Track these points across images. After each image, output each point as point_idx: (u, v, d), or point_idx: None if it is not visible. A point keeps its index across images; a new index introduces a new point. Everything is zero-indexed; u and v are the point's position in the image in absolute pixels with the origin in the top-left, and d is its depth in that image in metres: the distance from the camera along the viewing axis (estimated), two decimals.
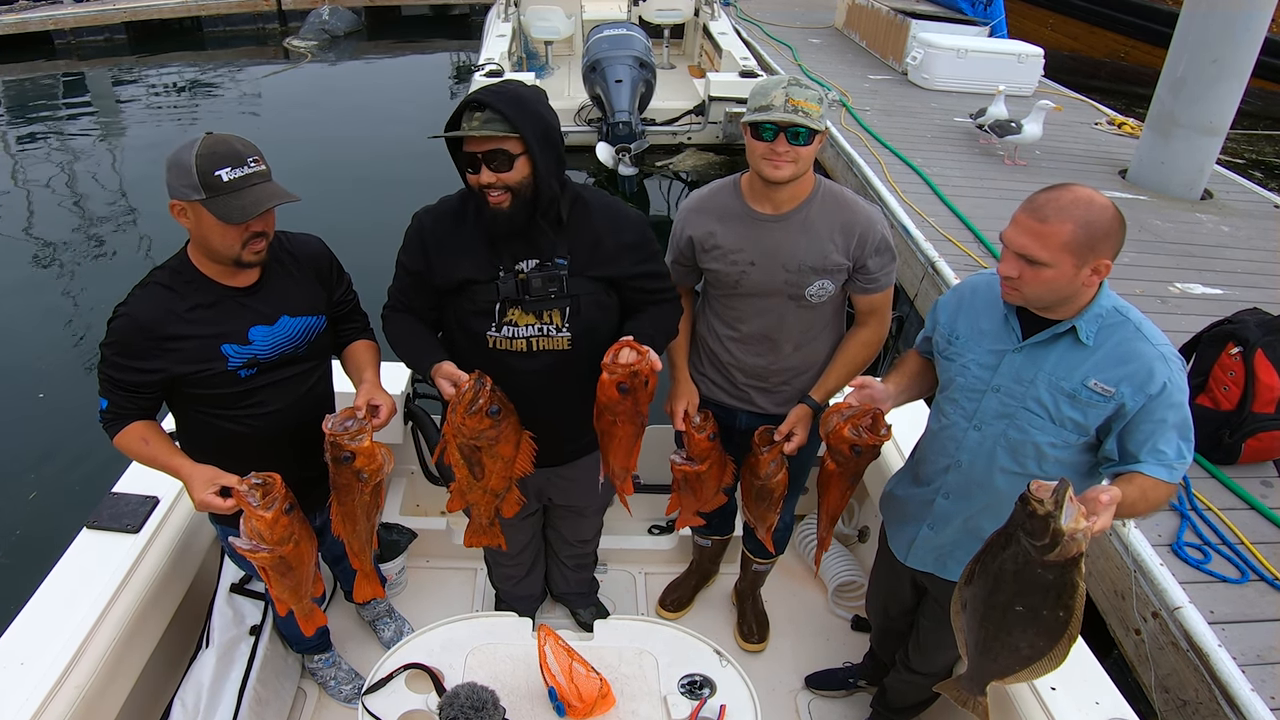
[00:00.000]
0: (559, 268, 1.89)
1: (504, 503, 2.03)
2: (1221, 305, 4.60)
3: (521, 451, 1.93)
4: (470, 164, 1.80)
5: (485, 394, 1.77)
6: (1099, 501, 1.39)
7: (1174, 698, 2.72)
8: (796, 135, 1.93)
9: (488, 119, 1.75)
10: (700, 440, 2.15)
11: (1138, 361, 1.61)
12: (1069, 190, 1.58)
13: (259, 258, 1.81)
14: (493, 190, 1.79)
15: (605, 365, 1.79)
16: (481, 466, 1.89)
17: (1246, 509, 3.25)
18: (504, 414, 1.82)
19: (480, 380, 1.78)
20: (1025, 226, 1.58)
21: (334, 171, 8.17)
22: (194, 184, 1.67)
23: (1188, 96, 6.10)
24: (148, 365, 1.79)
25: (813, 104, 1.95)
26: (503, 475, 1.94)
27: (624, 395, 1.81)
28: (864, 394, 1.92)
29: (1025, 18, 13.25)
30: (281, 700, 2.46)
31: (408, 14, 15.72)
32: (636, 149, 7.16)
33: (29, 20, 13.02)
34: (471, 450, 1.86)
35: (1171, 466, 1.60)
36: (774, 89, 1.95)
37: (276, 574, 1.85)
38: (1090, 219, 1.54)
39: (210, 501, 1.77)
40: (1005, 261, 1.63)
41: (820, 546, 2.30)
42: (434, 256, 1.93)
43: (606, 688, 1.89)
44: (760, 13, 12.41)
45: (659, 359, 1.82)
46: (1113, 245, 1.58)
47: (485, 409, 1.77)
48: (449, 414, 1.81)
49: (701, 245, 2.15)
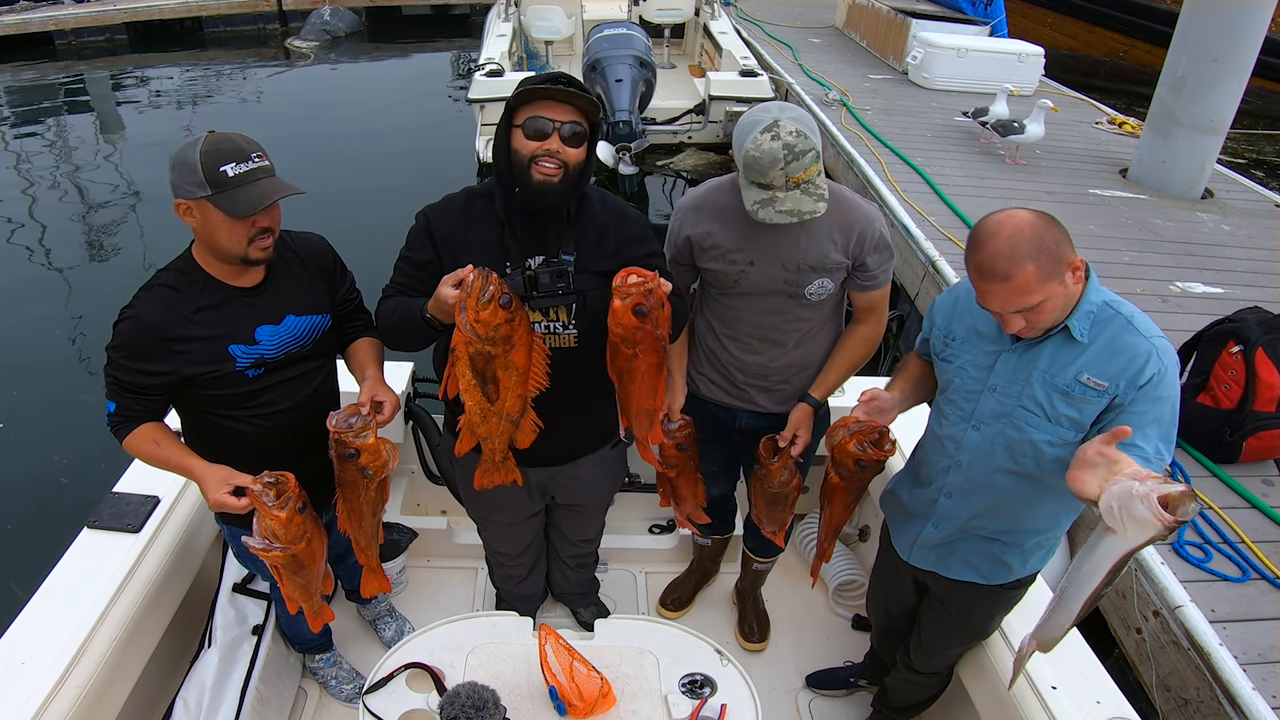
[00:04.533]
0: (565, 263, 1.89)
1: (520, 430, 1.87)
2: (1222, 304, 4.60)
3: (535, 360, 1.79)
4: (536, 132, 1.77)
5: (495, 280, 1.65)
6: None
7: (1175, 696, 2.72)
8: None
9: (573, 93, 1.76)
10: (667, 446, 2.14)
11: (1130, 353, 1.61)
12: (996, 234, 1.55)
13: (266, 254, 1.80)
14: (548, 161, 1.77)
15: (616, 289, 1.72)
16: (496, 383, 1.75)
17: (1247, 508, 3.25)
18: (515, 305, 1.69)
19: (484, 271, 1.66)
20: (999, 291, 1.56)
21: (335, 171, 8.18)
22: (199, 181, 1.67)
23: (1188, 96, 6.09)
24: (156, 368, 1.79)
25: (812, 167, 1.88)
26: (518, 393, 1.80)
27: (642, 319, 1.73)
28: (872, 406, 1.92)
29: (1024, 16, 13.24)
30: (283, 700, 2.46)
31: (408, 14, 15.72)
32: (637, 148, 7.15)
33: (29, 20, 13.02)
34: (485, 361, 1.71)
35: (1151, 464, 1.55)
36: (771, 167, 1.85)
37: (289, 572, 1.86)
38: (1038, 244, 1.53)
39: (225, 501, 1.77)
40: (1008, 323, 1.62)
41: (821, 557, 2.31)
42: (443, 250, 1.92)
43: (607, 687, 1.89)
44: (760, 12, 12.40)
45: (667, 282, 1.76)
46: (1067, 244, 1.57)
47: (498, 297, 1.64)
48: (458, 317, 1.66)
49: (700, 245, 2.14)
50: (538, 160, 1.78)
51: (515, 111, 1.81)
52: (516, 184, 1.84)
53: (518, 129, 1.80)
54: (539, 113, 1.78)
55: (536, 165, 1.78)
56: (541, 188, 1.80)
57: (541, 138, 1.78)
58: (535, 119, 1.78)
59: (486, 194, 1.95)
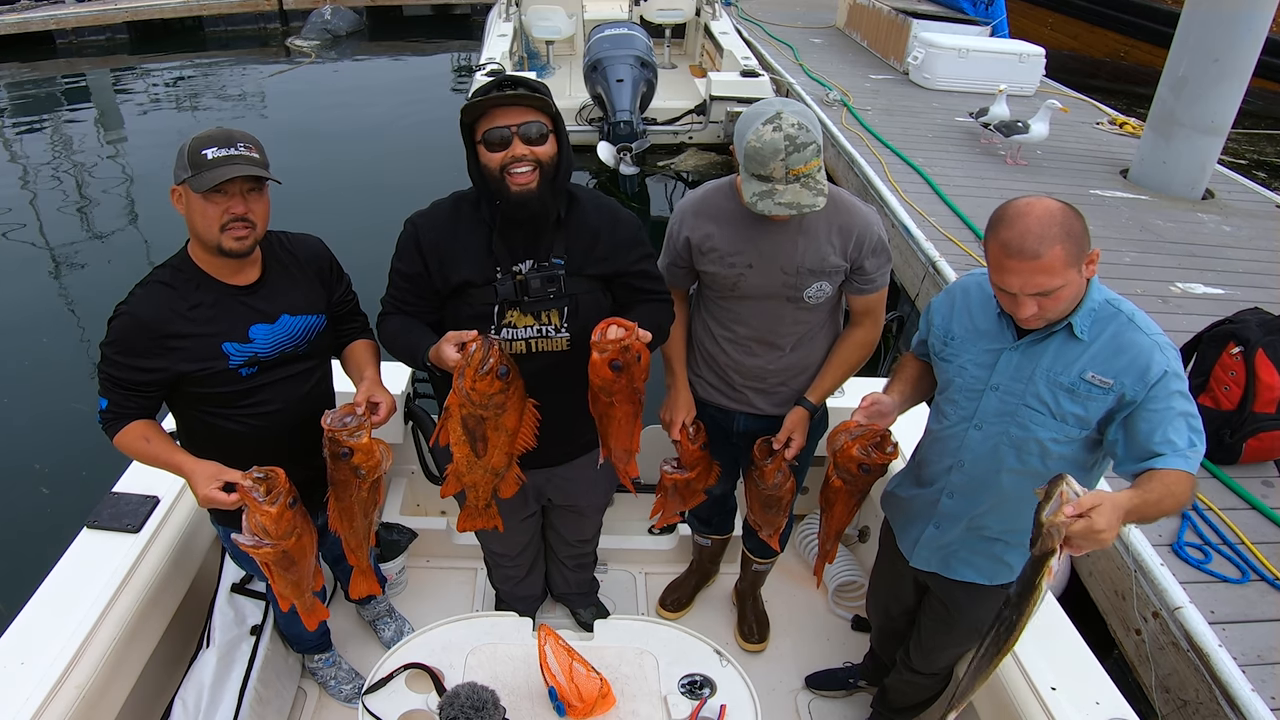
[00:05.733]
0: (556, 267, 1.88)
1: (503, 482, 1.95)
2: (1223, 305, 4.59)
3: (525, 423, 1.86)
4: (499, 141, 1.78)
5: (495, 353, 1.70)
6: (1091, 504, 1.38)
7: (1174, 698, 2.72)
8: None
9: (519, 94, 1.76)
10: (693, 450, 2.15)
11: (1134, 351, 1.61)
12: (1027, 214, 1.55)
13: (241, 245, 1.77)
14: (521, 167, 1.77)
15: (594, 344, 1.75)
16: (485, 441, 1.82)
17: (1247, 509, 3.25)
18: (512, 376, 1.75)
19: (488, 340, 1.71)
20: (1025, 269, 1.55)
21: (335, 171, 8.18)
22: (184, 164, 1.71)
23: (1189, 96, 6.09)
24: (150, 364, 1.79)
25: (813, 161, 1.86)
26: (505, 450, 1.87)
27: (618, 373, 1.77)
28: (873, 410, 1.91)
29: (1024, 16, 13.23)
30: (282, 700, 2.46)
31: (409, 14, 15.73)
32: (638, 148, 7.15)
33: (30, 20, 13.03)
34: (477, 422, 1.78)
35: (1186, 455, 1.55)
36: (772, 158, 1.84)
37: (279, 568, 1.85)
38: (1068, 228, 1.53)
39: (214, 497, 1.76)
40: (1022, 306, 1.60)
41: (824, 559, 2.31)
42: (430, 260, 1.91)
43: (607, 687, 1.89)
44: (761, 12, 12.40)
45: (647, 332, 1.78)
46: (1088, 235, 1.58)
47: (496, 370, 1.70)
48: (456, 380, 1.72)
49: (699, 248, 2.13)
50: (508, 170, 1.78)
51: (473, 129, 1.81)
52: (497, 197, 1.84)
53: (480, 144, 1.80)
54: (493, 123, 1.78)
55: (509, 175, 1.78)
56: (521, 197, 1.80)
57: (504, 146, 1.77)
58: (492, 130, 1.78)
59: (475, 200, 1.94)
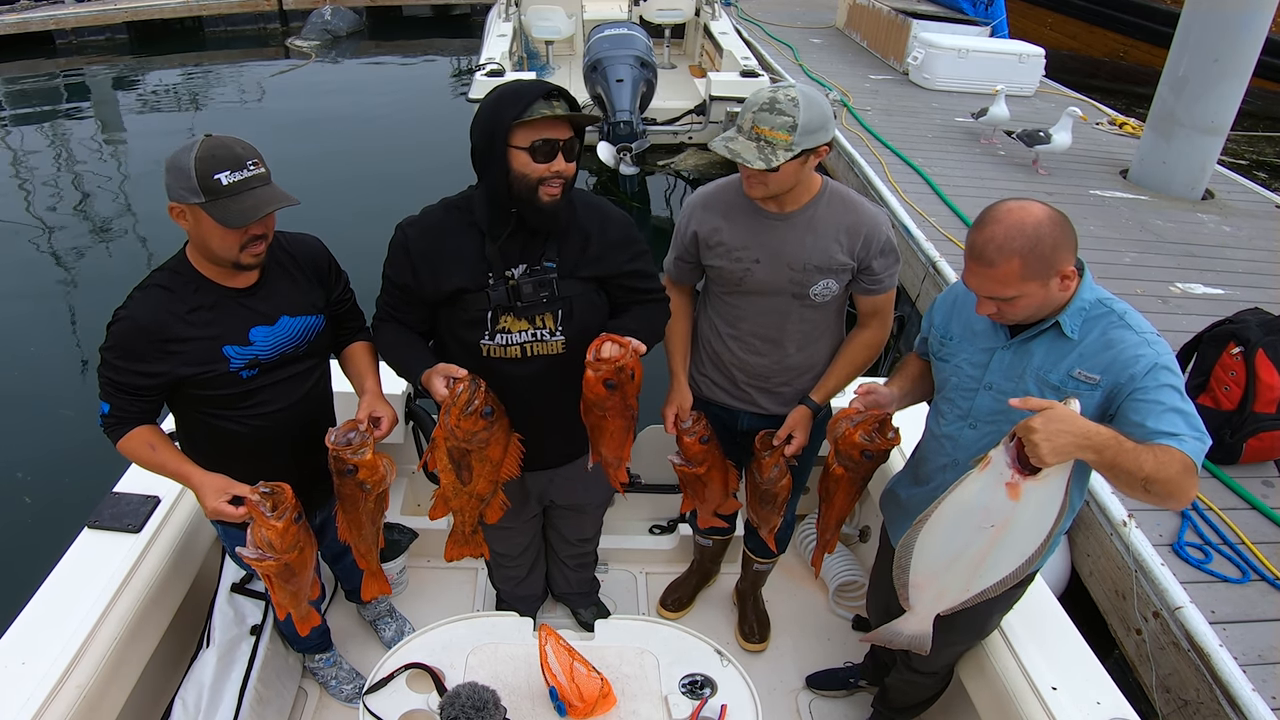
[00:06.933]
0: (548, 271, 1.88)
1: (488, 508, 2.02)
2: (1223, 305, 4.60)
3: (509, 454, 1.93)
4: (544, 153, 1.73)
5: (480, 395, 1.77)
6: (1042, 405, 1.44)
7: (1175, 698, 2.72)
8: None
9: (563, 109, 1.74)
10: (690, 443, 2.15)
11: (1121, 346, 1.61)
12: (1000, 221, 1.55)
13: (257, 260, 1.80)
14: (554, 182, 1.76)
15: (589, 362, 1.77)
16: (470, 470, 1.89)
17: (1247, 509, 3.25)
18: (496, 415, 1.83)
19: (474, 381, 1.78)
20: (980, 273, 1.58)
21: (335, 170, 8.17)
22: (193, 188, 1.66)
23: (1189, 96, 6.09)
24: (151, 368, 1.78)
25: (780, 132, 1.86)
26: (489, 479, 1.94)
27: (611, 391, 1.79)
28: (870, 399, 1.93)
29: (1024, 17, 13.24)
30: (282, 700, 2.46)
31: (409, 14, 15.72)
32: (638, 148, 7.15)
33: (30, 20, 13.01)
34: (461, 454, 1.85)
35: (1184, 439, 1.50)
36: (748, 110, 1.90)
37: (280, 580, 1.88)
38: (1033, 242, 1.53)
39: (222, 510, 1.77)
40: (980, 305, 1.64)
41: (824, 549, 2.31)
42: (421, 269, 1.89)
43: (607, 687, 1.89)
44: (761, 13, 12.40)
45: (642, 345, 1.79)
46: (1067, 251, 1.56)
47: (480, 410, 1.77)
48: (441, 416, 1.80)
49: (706, 242, 2.14)
50: (546, 182, 1.75)
51: (512, 131, 1.73)
52: (516, 204, 1.80)
53: (520, 150, 1.73)
54: (542, 134, 1.72)
55: (545, 187, 1.76)
56: (552, 208, 1.79)
57: (550, 158, 1.74)
58: (546, 142, 1.72)
59: (464, 205, 1.92)
